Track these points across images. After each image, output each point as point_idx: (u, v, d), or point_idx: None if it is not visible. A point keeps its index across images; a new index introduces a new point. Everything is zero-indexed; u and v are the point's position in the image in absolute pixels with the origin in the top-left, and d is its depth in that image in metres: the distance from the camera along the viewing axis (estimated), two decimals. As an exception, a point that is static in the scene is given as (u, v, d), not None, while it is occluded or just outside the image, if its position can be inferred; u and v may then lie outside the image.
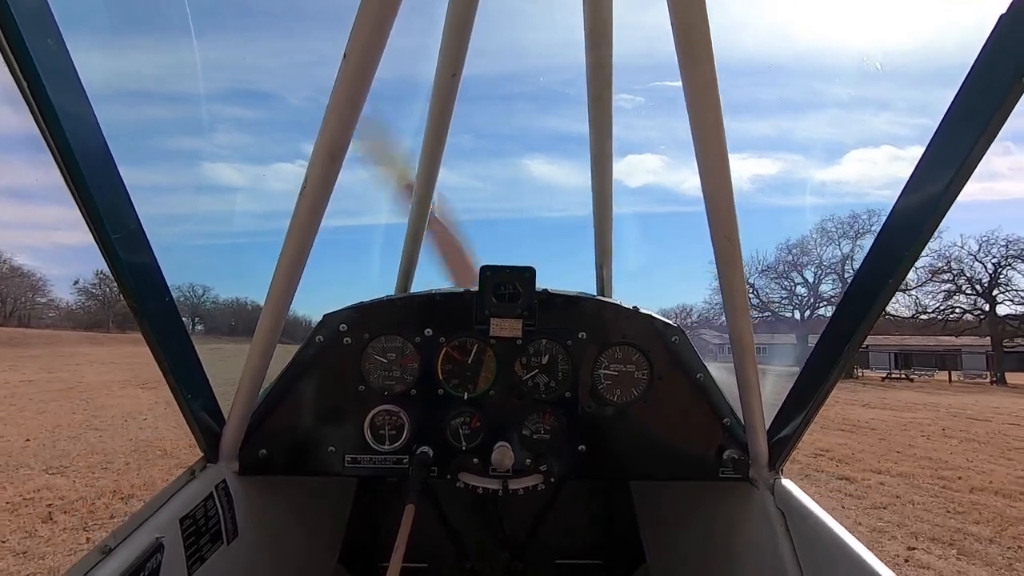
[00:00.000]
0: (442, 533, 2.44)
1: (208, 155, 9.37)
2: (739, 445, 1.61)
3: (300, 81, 37.98)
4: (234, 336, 14.54)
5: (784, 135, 54.03)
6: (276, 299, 1.31)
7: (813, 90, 40.45)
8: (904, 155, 44.45)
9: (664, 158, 59.33)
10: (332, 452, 1.58)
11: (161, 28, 1.64)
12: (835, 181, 46.87)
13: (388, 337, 1.63)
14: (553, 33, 4.09)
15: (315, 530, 2.13)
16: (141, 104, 2.86)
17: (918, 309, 38.19)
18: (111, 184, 1.11)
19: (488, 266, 1.63)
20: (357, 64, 0.99)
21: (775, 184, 53.21)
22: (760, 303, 40.58)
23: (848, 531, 1.30)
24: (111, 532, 1.14)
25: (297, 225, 1.20)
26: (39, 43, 0.92)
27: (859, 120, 39.38)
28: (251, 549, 1.57)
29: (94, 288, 61.78)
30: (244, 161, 26.00)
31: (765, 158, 54.11)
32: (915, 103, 35.71)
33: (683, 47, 0.99)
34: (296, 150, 47.44)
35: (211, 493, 1.40)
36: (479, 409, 1.62)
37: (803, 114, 50.53)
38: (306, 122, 1.26)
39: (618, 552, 2.53)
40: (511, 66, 54.42)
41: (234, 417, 1.47)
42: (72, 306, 63.61)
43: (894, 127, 44.75)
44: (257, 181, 55.30)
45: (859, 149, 50.62)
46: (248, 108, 52.96)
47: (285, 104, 59.82)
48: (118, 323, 56.99)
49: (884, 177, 47.48)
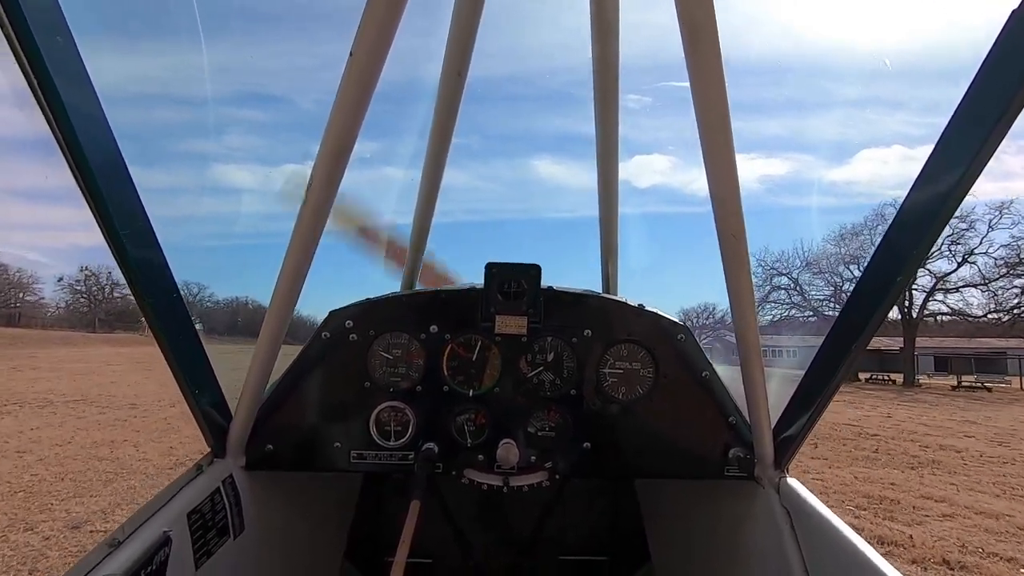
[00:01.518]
0: (447, 529, 2.45)
1: (217, 156, 9.42)
2: (744, 444, 1.61)
3: (307, 83, 38.16)
4: (233, 336, 14.48)
5: (794, 135, 53.58)
6: (282, 297, 1.32)
7: (822, 89, 40.07)
8: (915, 155, 43.90)
9: (672, 159, 59.10)
10: (338, 448, 1.59)
11: (169, 31, 1.66)
12: (845, 181, 46.41)
13: (394, 334, 1.64)
14: (559, 33, 4.09)
15: (321, 525, 2.14)
16: (151, 107, 2.86)
17: (995, 306, 32.50)
18: (121, 184, 1.13)
19: (493, 263, 1.64)
20: (363, 64, 0.99)
21: (784, 184, 52.83)
22: (802, 301, 34.84)
23: (854, 531, 1.29)
24: (119, 526, 1.16)
25: (302, 224, 1.21)
26: (51, 46, 0.93)
27: (869, 119, 38.92)
28: (257, 544, 1.58)
29: (78, 284, 60.09)
30: (254, 162, 26.23)
31: (774, 158, 53.71)
32: (926, 102, 35.22)
33: (690, 46, 0.98)
34: (305, 151, 47.58)
35: (218, 488, 1.42)
36: (484, 406, 1.63)
37: (812, 113, 50.10)
38: (312, 124, 1.27)
39: (623, 549, 2.53)
40: (517, 67, 54.40)
41: (241, 413, 1.48)
42: (56, 304, 61.60)
43: (905, 127, 44.26)
44: (266, 182, 55.44)
45: (870, 148, 50.09)
46: (256, 110, 53.31)
47: (293, 106, 60.13)
48: (108, 323, 55.31)
49: (896, 177, 46.83)
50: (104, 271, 59.83)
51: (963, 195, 1.09)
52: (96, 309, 60.39)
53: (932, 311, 34.51)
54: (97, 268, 59.72)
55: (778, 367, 1.66)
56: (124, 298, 59.38)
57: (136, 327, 55.07)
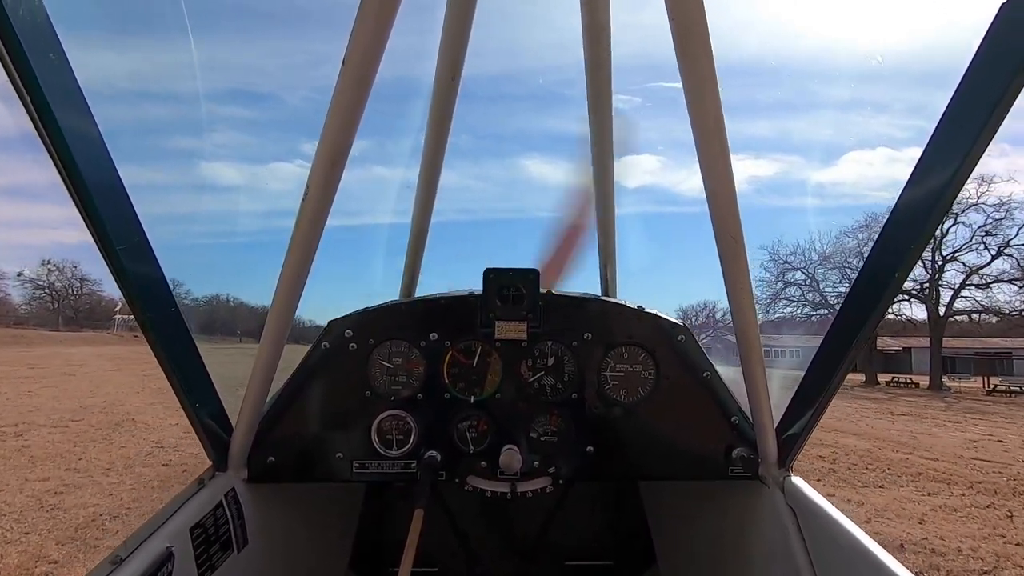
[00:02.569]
0: (451, 537, 2.44)
1: (205, 155, 9.15)
2: (748, 443, 1.60)
3: (297, 81, 38.09)
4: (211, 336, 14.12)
5: (782, 136, 53.92)
6: (281, 306, 1.32)
7: (810, 91, 40.24)
8: (901, 156, 44.09)
9: (661, 159, 59.30)
10: (340, 458, 1.58)
11: (154, 28, 1.64)
12: (832, 183, 46.66)
13: (394, 342, 1.63)
14: (552, 33, 4.10)
15: (324, 536, 2.13)
16: (141, 104, 2.85)
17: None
18: (115, 196, 1.12)
19: (492, 269, 1.63)
20: (357, 68, 0.99)
21: (772, 185, 53.09)
22: (818, 299, 31.21)
23: (860, 528, 1.29)
24: (122, 542, 1.15)
25: (300, 232, 1.20)
26: (36, 44, 0.92)
27: (856, 122, 39.12)
28: (261, 557, 1.57)
29: (40, 280, 55.64)
30: (241, 161, 25.72)
31: (762, 159, 54.02)
32: (912, 104, 35.37)
33: (682, 47, 0.98)
34: (294, 150, 47.14)
35: (220, 501, 1.41)
36: (486, 412, 1.62)
37: (800, 115, 50.44)
38: (302, 121, 1.26)
39: (628, 553, 2.52)
40: (510, 66, 54.56)
41: (242, 425, 1.47)
42: (17, 301, 56.60)
43: (891, 129, 44.57)
44: (254, 180, 54.87)
45: (856, 151, 50.39)
46: (245, 108, 52.97)
47: (282, 104, 59.82)
48: (74, 321, 50.97)
49: (881, 179, 47.15)
50: (69, 265, 55.78)
51: (958, 190, 1.10)
52: (62, 306, 56.69)
53: (962, 308, 31.87)
54: (61, 262, 55.81)
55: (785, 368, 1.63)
56: (93, 294, 55.44)
57: (107, 325, 51.45)
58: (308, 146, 1.49)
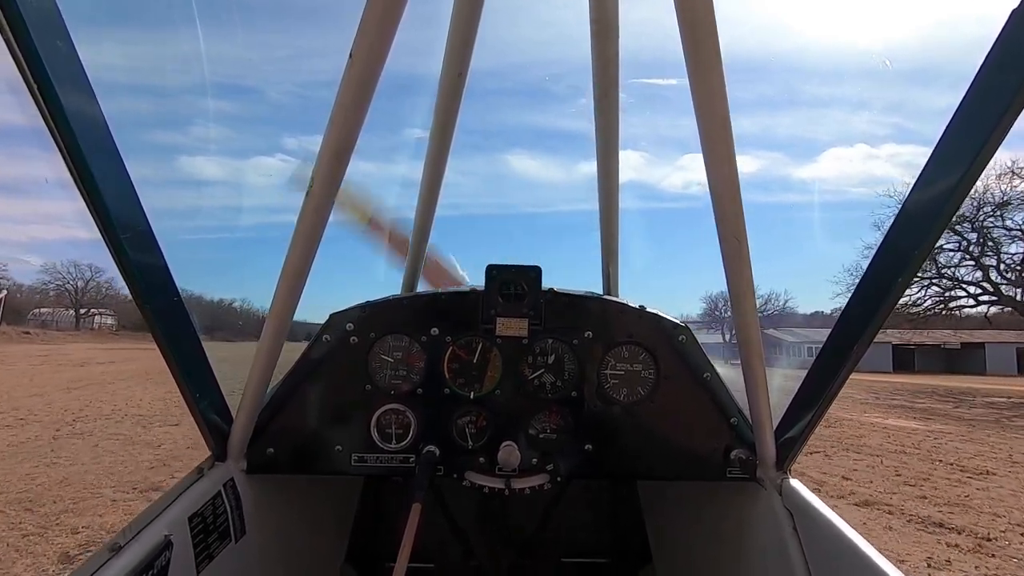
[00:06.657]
0: (448, 532, 2.44)
1: (186, 149, 8.98)
2: (746, 445, 1.60)
3: (282, 75, 37.78)
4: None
5: (765, 132, 53.71)
6: (282, 300, 1.32)
7: (790, 88, 40.09)
8: (878, 153, 43.87)
9: (645, 154, 59.25)
10: (339, 451, 1.59)
11: (139, 20, 1.62)
12: (813, 179, 46.61)
13: (394, 336, 1.64)
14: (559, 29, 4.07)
15: (322, 528, 2.14)
16: (141, 97, 2.80)
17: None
18: (120, 186, 1.12)
19: (494, 265, 1.63)
20: (363, 64, 0.99)
21: (755, 182, 52.95)
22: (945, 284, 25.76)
23: (857, 532, 1.29)
24: (121, 530, 1.15)
25: (303, 226, 1.21)
26: (46, 40, 0.92)
27: (836, 119, 39.00)
28: (258, 547, 1.58)
29: None
30: (223, 155, 25.15)
31: (746, 155, 54.00)
32: (889, 103, 35.18)
33: (690, 44, 0.98)
34: (276, 144, 46.33)
35: (219, 491, 1.42)
36: (485, 408, 1.62)
37: (782, 111, 50.22)
38: (287, 117, 1.26)
39: (624, 551, 2.52)
40: (518, 63, 54.33)
41: (242, 416, 1.48)
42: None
43: (871, 126, 44.35)
44: (236, 174, 54.51)
45: (835, 148, 50.19)
46: (228, 101, 52.65)
47: (264, 98, 59.32)
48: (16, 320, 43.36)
49: (860, 175, 47.07)
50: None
51: (965, 194, 1.09)
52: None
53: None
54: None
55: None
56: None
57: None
58: (291, 141, 1.48)
